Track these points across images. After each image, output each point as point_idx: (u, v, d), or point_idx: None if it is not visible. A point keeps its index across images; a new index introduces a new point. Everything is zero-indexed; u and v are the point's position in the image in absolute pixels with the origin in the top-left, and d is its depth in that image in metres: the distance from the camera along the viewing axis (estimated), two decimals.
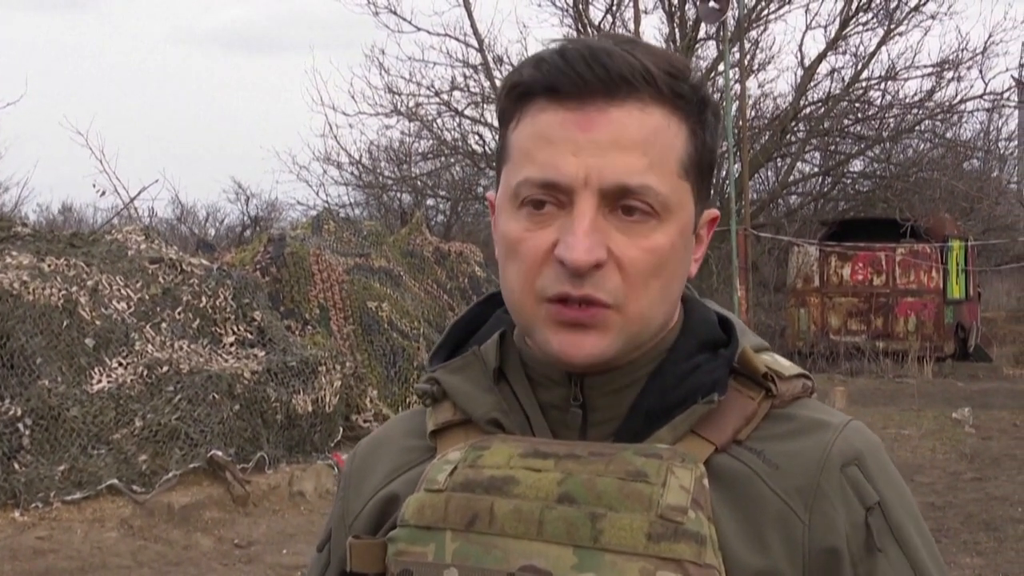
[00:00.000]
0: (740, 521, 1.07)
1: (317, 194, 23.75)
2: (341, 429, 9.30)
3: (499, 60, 21.07)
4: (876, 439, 1.15)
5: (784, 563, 1.07)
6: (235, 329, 9.25)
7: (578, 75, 1.06)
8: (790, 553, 1.07)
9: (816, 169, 23.20)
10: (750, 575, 1.05)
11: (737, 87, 17.07)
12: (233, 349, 9.10)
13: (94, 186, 19.99)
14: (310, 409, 8.90)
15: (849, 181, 23.01)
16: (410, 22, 21.54)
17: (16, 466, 7.56)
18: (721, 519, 1.06)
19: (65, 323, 8.31)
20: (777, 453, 1.10)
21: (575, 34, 21.37)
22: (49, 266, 8.62)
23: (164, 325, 8.89)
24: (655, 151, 1.07)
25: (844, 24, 21.08)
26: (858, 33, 21.39)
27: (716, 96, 20.99)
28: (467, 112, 21.77)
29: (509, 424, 1.14)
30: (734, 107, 16.78)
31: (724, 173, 19.20)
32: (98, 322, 8.49)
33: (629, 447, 1.07)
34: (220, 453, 8.02)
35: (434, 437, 1.17)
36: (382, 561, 1.11)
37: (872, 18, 21.24)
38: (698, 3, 15.87)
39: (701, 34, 20.94)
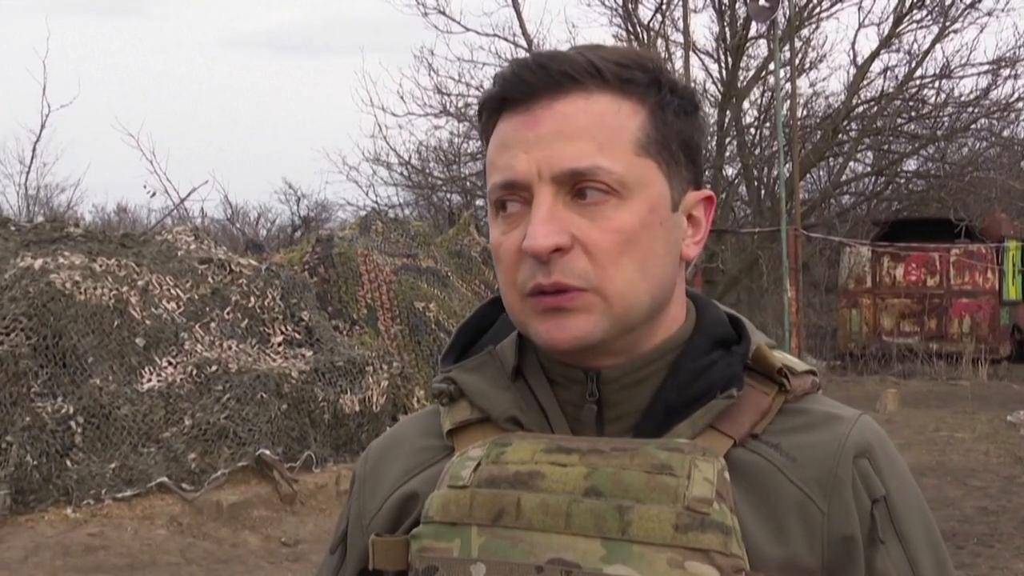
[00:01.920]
0: (761, 512, 1.09)
1: (367, 195, 23.85)
2: (388, 429, 9.33)
3: None
4: (884, 433, 1.18)
5: (804, 551, 1.09)
6: (283, 329, 9.32)
7: (523, 81, 1.11)
8: (810, 541, 1.09)
9: (869, 168, 22.95)
10: (772, 565, 1.07)
11: (788, 86, 16.93)
12: (281, 349, 9.16)
13: (144, 187, 20.22)
14: (357, 409, 8.94)
15: (903, 181, 22.74)
16: (459, 23, 21.65)
17: (68, 463, 7.66)
18: (742, 511, 1.07)
19: (116, 322, 8.41)
20: (793, 446, 1.12)
21: (624, 34, 21.30)
22: (100, 266, 8.72)
23: (213, 325, 8.97)
24: (604, 134, 1.10)
25: (898, 21, 20.83)
26: (912, 31, 21.13)
27: (767, 95, 20.87)
28: None
29: (528, 421, 1.15)
30: (785, 106, 16.64)
31: (776, 173, 19.06)
32: (148, 321, 8.58)
33: (651, 442, 1.09)
34: (268, 452, 8.07)
35: (451, 436, 1.18)
36: (405, 558, 1.12)
37: (927, 15, 20.97)
38: (748, 1, 15.75)
39: (752, 32, 20.79)
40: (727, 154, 22.04)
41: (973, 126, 21.66)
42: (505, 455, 1.10)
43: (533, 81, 1.10)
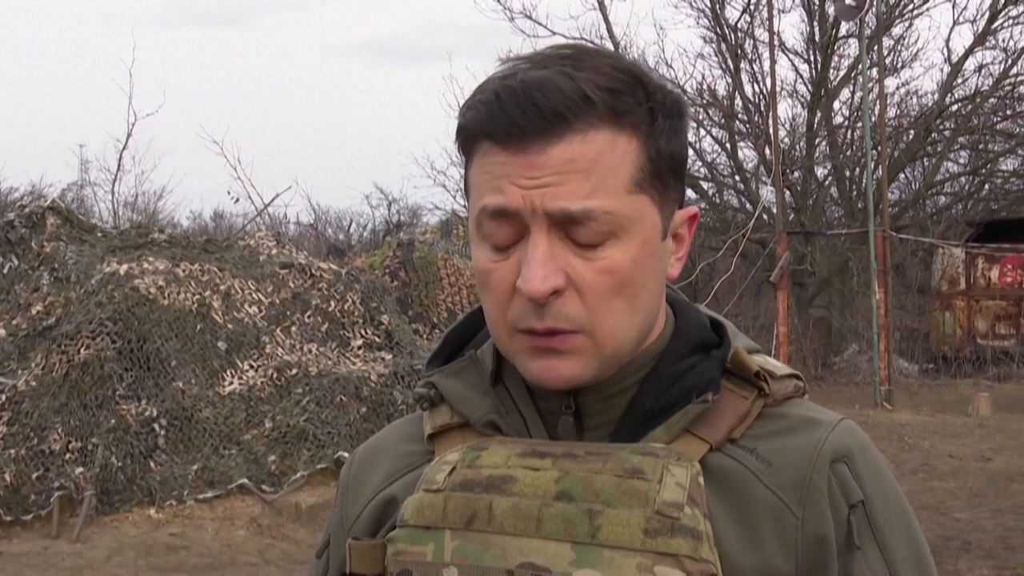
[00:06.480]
0: (735, 518, 1.08)
1: (455, 199, 23.99)
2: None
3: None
4: (867, 438, 1.15)
5: (778, 557, 1.08)
6: (363, 332, 9.41)
7: (512, 122, 1.07)
8: (784, 547, 1.08)
9: (964, 168, 22.47)
10: (745, 572, 1.07)
11: (878, 86, 16.63)
12: (361, 352, 9.25)
13: (228, 193, 20.66)
14: None
15: (999, 180, 22.21)
16: (545, 26, 21.55)
17: (152, 465, 7.84)
18: (717, 517, 1.07)
19: (199, 327, 8.57)
20: (770, 450, 1.11)
21: (713, 36, 21.13)
22: (184, 271, 8.90)
23: (294, 328, 9.09)
24: (598, 175, 1.07)
25: (993, 18, 20.38)
26: (1008, 27, 20.68)
27: (858, 95, 20.50)
28: None
29: (506, 426, 1.15)
30: (875, 107, 16.35)
31: (867, 175, 18.72)
32: (230, 326, 8.74)
33: (625, 446, 1.09)
34: (347, 454, 8.15)
35: (432, 440, 1.19)
36: (381, 562, 1.12)
37: (1023, 11, 20.50)
38: (835, 0, 15.52)
39: (842, 32, 20.48)
40: (816, 155, 21.73)
41: None
42: (480, 459, 1.10)
43: (524, 123, 1.06)
